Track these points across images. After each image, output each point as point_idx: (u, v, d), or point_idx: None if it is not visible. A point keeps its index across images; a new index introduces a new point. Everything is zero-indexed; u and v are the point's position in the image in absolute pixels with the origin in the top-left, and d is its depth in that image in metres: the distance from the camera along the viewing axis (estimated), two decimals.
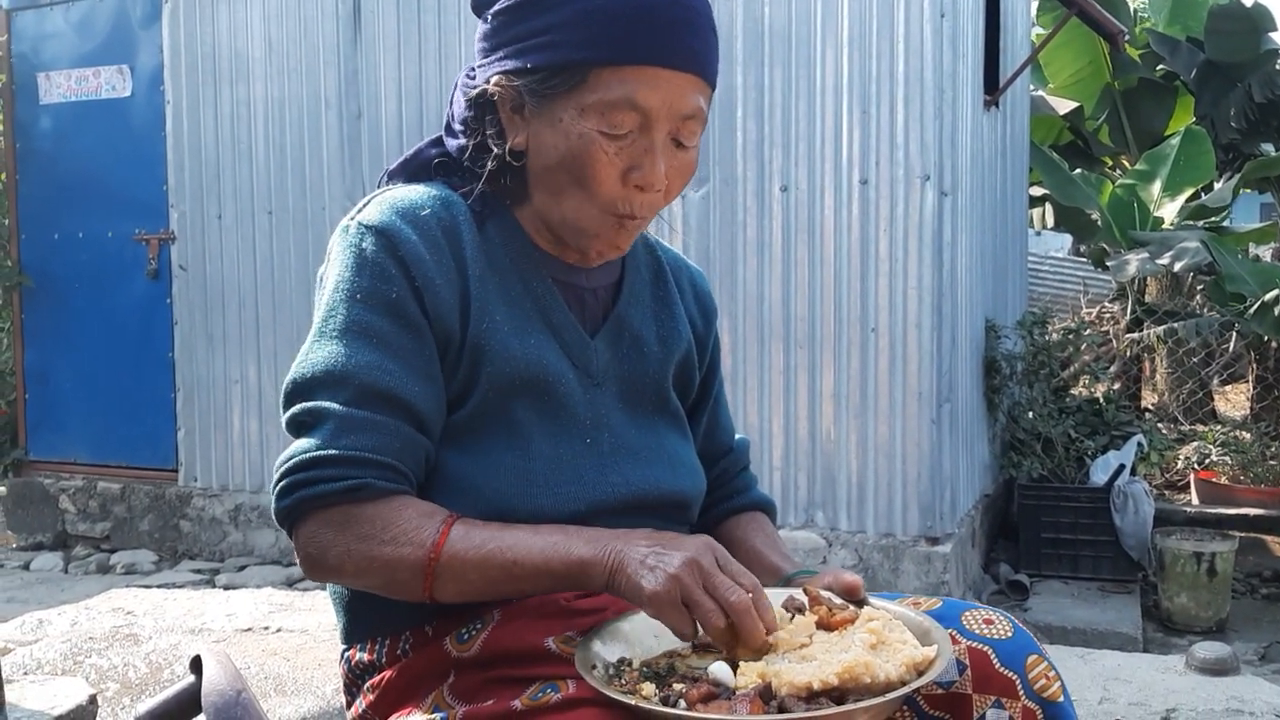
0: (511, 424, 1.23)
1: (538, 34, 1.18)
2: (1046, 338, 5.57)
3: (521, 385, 1.24)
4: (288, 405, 1.18)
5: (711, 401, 1.50)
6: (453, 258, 1.22)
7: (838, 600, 1.14)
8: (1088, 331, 6.20)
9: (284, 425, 1.18)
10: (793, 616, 1.10)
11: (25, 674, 2.65)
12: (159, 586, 4.46)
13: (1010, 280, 6.00)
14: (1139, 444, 5.24)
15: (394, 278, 1.19)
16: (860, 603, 1.15)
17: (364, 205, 1.26)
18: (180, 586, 4.69)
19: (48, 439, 5.92)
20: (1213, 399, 8.64)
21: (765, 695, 0.98)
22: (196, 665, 1.20)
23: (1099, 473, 5.14)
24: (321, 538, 1.13)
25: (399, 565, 1.11)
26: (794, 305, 4.39)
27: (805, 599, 1.14)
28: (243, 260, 5.35)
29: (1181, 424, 7.77)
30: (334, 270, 1.22)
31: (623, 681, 1.04)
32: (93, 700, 2.04)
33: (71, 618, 3.46)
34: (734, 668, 1.04)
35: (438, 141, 1.33)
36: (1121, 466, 5.02)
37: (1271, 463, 6.32)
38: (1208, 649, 2.79)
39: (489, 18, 1.24)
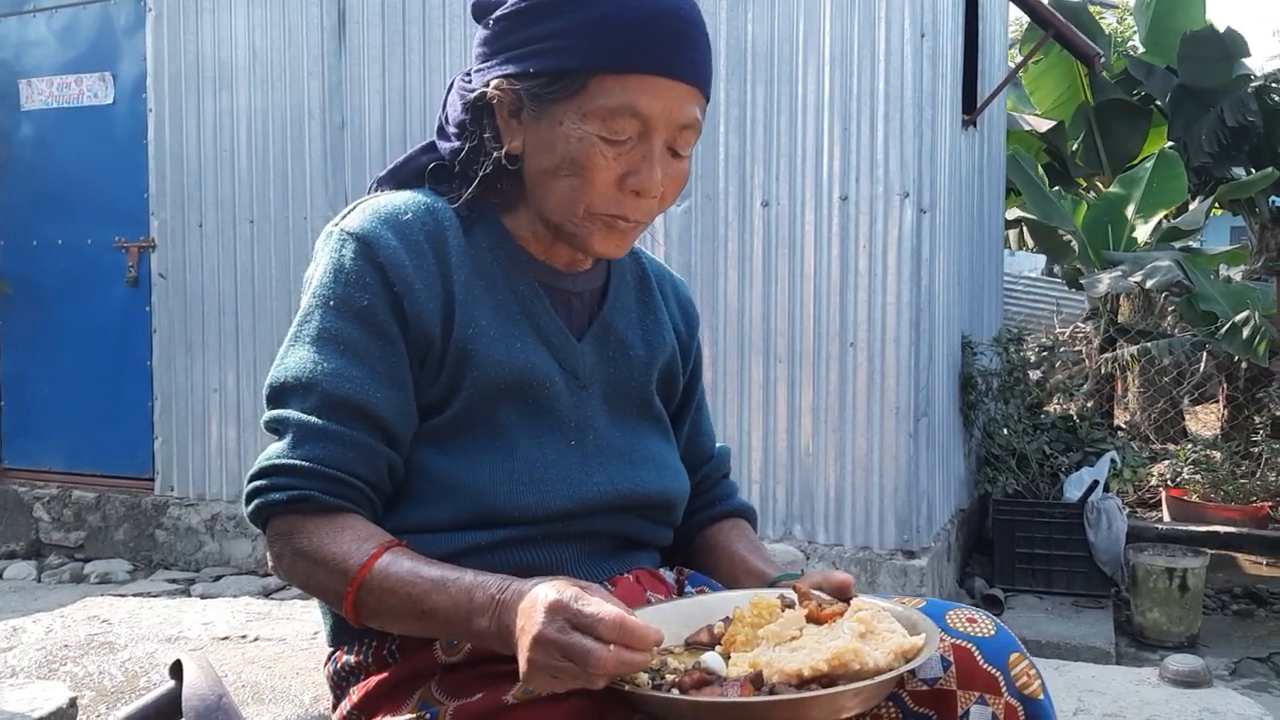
0: (496, 426, 1.25)
1: (541, 40, 1.19)
2: (1022, 355, 5.63)
3: (507, 388, 1.25)
4: (267, 408, 1.22)
5: (694, 408, 1.52)
6: (436, 263, 1.24)
7: (827, 597, 1.17)
8: (1062, 349, 6.26)
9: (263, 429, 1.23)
10: (784, 610, 1.13)
11: (2, 679, 2.64)
12: (134, 596, 4.43)
13: (986, 298, 6.06)
14: (1112, 460, 5.30)
15: (369, 285, 1.20)
16: (849, 600, 1.17)
17: (348, 212, 1.28)
18: (156, 596, 4.66)
19: (23, 446, 5.87)
20: (1184, 418, 8.74)
21: (756, 682, 1.00)
22: (177, 671, 1.21)
23: (1072, 489, 5.19)
24: (275, 545, 1.18)
25: (327, 589, 1.14)
26: (774, 319, 4.43)
27: (795, 595, 1.17)
28: (223, 269, 5.34)
29: (1153, 442, 7.85)
30: (315, 275, 1.25)
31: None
32: (72, 704, 2.03)
33: (46, 625, 3.43)
34: (726, 659, 1.06)
35: (429, 148, 1.35)
36: (1095, 483, 5.07)
37: (1242, 481, 6.40)
38: (1181, 661, 2.83)
39: (490, 23, 1.25)
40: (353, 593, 1.12)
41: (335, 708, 1.32)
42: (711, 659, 1.06)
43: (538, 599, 1.00)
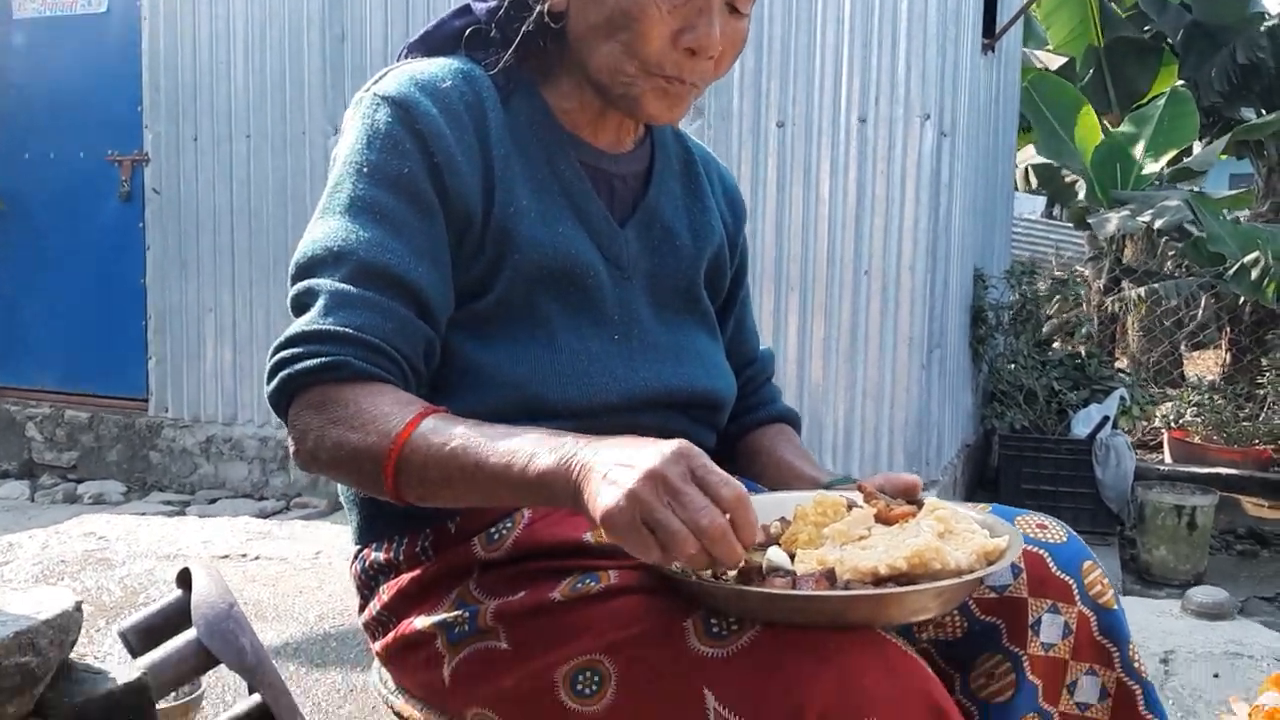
0: (536, 315, 1.16)
1: None
2: (1034, 288, 5.55)
3: (548, 276, 1.16)
4: (291, 287, 1.11)
5: (739, 305, 1.44)
6: (476, 135, 1.15)
7: (893, 499, 1.08)
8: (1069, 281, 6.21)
9: (288, 309, 1.11)
10: (850, 508, 1.04)
11: (6, 581, 2.57)
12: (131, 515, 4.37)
13: (997, 230, 5.96)
14: (1122, 398, 5.25)
15: (408, 152, 1.11)
16: (918, 503, 1.09)
17: (380, 77, 1.18)
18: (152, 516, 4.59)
19: (14, 365, 5.76)
20: (1182, 363, 8.72)
21: (830, 578, 0.91)
22: (184, 579, 1.16)
23: (1080, 425, 5.15)
24: (302, 420, 1.05)
25: (364, 454, 1.00)
26: (786, 245, 4.32)
27: (859, 495, 1.08)
28: (219, 185, 5.19)
29: (1153, 387, 7.82)
30: (345, 143, 1.15)
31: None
32: (78, 608, 1.95)
33: (41, 541, 3.37)
34: (791, 558, 0.98)
35: (463, 10, 1.24)
36: (1105, 419, 5.03)
37: (1245, 424, 6.39)
38: (1205, 593, 2.79)
39: None
40: (395, 453, 0.98)
41: (362, 609, 1.25)
42: (776, 554, 0.97)
43: (660, 442, 0.88)
